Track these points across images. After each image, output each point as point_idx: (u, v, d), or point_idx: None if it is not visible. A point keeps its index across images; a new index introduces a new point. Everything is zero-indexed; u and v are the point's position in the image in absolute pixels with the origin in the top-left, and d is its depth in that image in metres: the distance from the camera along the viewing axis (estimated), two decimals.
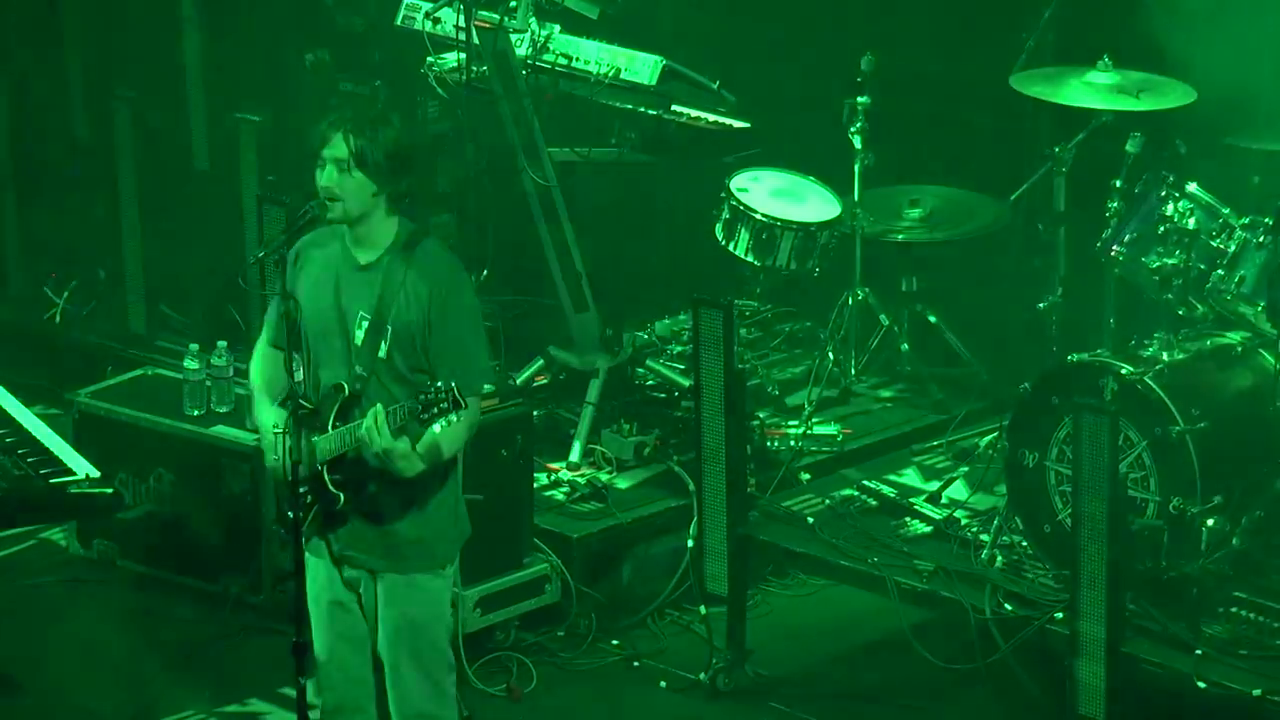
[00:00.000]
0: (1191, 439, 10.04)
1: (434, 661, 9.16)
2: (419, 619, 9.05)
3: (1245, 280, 10.43)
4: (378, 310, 8.80)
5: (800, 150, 11.95)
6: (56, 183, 13.49)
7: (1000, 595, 10.40)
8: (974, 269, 12.13)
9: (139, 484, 11.36)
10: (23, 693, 10.33)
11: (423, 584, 9.00)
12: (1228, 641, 9.99)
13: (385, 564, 8.99)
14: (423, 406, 8.48)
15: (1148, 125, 10.85)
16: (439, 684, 9.19)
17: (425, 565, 9.00)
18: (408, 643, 9.06)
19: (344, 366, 8.86)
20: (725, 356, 10.67)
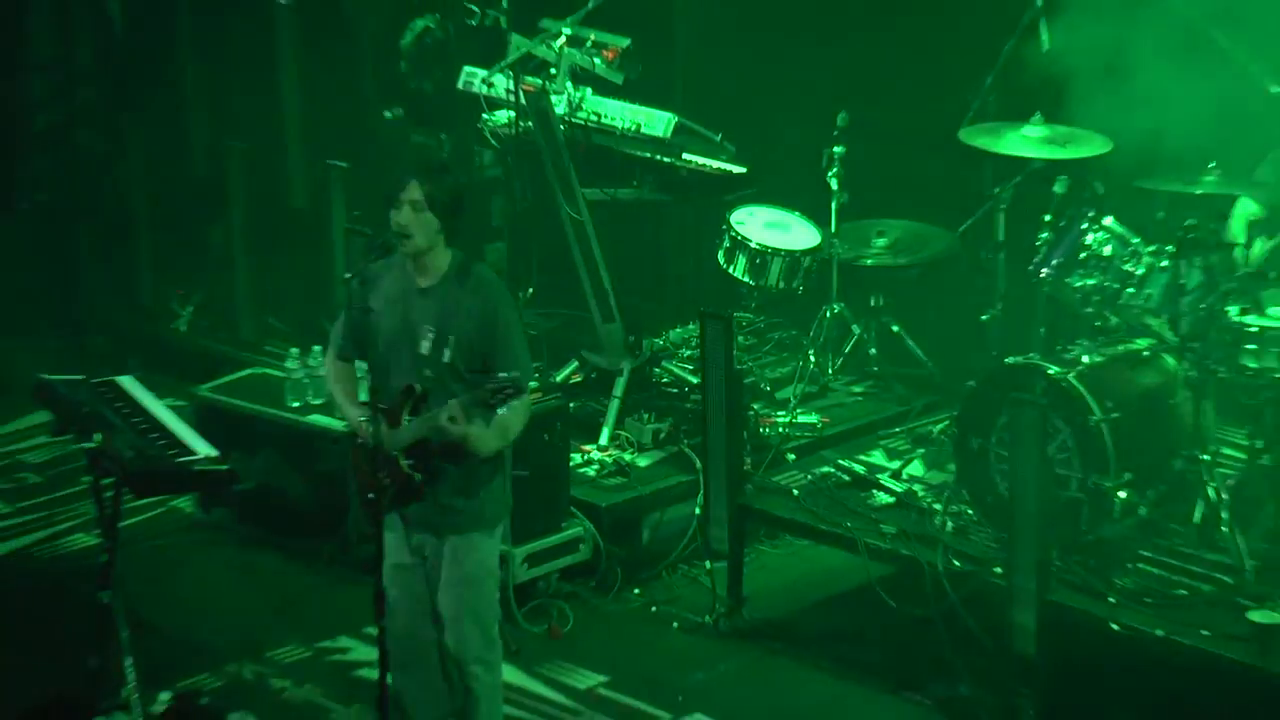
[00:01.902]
0: (1106, 427, 10.13)
1: (486, 610, 9.27)
2: (474, 573, 9.15)
3: (1151, 297, 10.54)
4: (441, 325, 8.92)
5: (787, 190, 11.99)
6: (181, 216, 13.48)
7: (950, 554, 10.46)
8: (929, 288, 12.12)
9: (249, 462, 11.39)
10: (153, 631, 10.33)
11: (477, 542, 9.10)
12: (1136, 591, 10.04)
13: (448, 528, 9.03)
14: (492, 394, 8.51)
15: (1071, 170, 10.93)
16: (489, 630, 9.29)
17: (479, 526, 9.11)
18: (465, 594, 9.17)
19: (411, 372, 8.94)
20: (726, 359, 10.81)
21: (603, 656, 10.65)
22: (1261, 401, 10.25)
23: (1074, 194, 10.82)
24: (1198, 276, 10.28)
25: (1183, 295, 10.29)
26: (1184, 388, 10.38)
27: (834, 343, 12.14)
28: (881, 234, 12.03)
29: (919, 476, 11.18)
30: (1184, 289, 10.29)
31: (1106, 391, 10.22)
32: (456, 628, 9.17)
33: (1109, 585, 10.05)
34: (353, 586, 10.63)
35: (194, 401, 11.62)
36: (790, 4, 12.25)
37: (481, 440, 8.81)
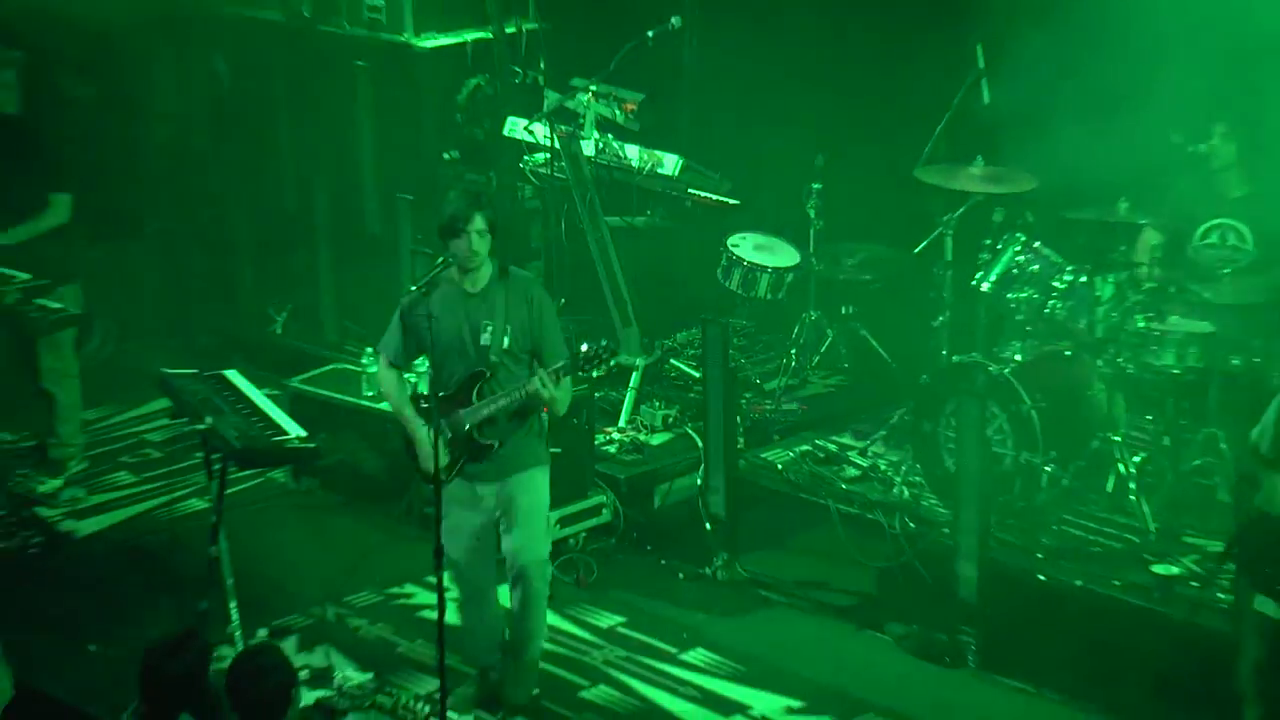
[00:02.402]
0: (1035, 413, 10.21)
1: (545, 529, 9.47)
2: (537, 500, 9.36)
3: (1072, 308, 10.56)
4: (499, 318, 9.02)
5: (773, 218, 12.00)
6: (276, 240, 13.51)
7: (907, 517, 10.54)
8: (890, 299, 12.10)
9: (331, 440, 11.41)
10: (252, 579, 10.34)
11: (536, 475, 9.31)
12: (1058, 549, 10.15)
13: (511, 470, 9.18)
14: (584, 361, 8.88)
15: (1007, 202, 10.94)
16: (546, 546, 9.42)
17: (536, 464, 9.30)
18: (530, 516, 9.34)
19: (476, 360, 9.10)
20: (723, 357, 10.87)
21: (621, 601, 10.68)
22: (1162, 393, 10.30)
23: (1009, 222, 10.84)
24: (1110, 290, 10.37)
25: (1098, 306, 10.37)
26: (1099, 381, 10.44)
27: (811, 344, 12.15)
28: (851, 254, 12.05)
29: (881, 454, 11.23)
30: (1099, 300, 10.37)
31: (1035, 384, 10.28)
32: (525, 547, 9.30)
33: (1037, 543, 10.16)
34: (415, 543, 10.69)
35: (287, 391, 11.65)
36: (776, 65, 12.22)
37: (561, 401, 9.02)
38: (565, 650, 10.16)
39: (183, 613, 9.90)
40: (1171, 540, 10.03)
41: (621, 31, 11.78)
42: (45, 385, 11.76)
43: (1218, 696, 9.14)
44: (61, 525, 11.56)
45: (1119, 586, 9.77)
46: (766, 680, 9.89)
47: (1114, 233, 10.68)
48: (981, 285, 10.80)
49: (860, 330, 12.14)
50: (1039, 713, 9.64)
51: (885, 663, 10.09)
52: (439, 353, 9.06)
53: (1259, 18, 9.90)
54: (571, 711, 9.65)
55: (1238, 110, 10.40)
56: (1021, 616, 9.99)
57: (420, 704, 9.49)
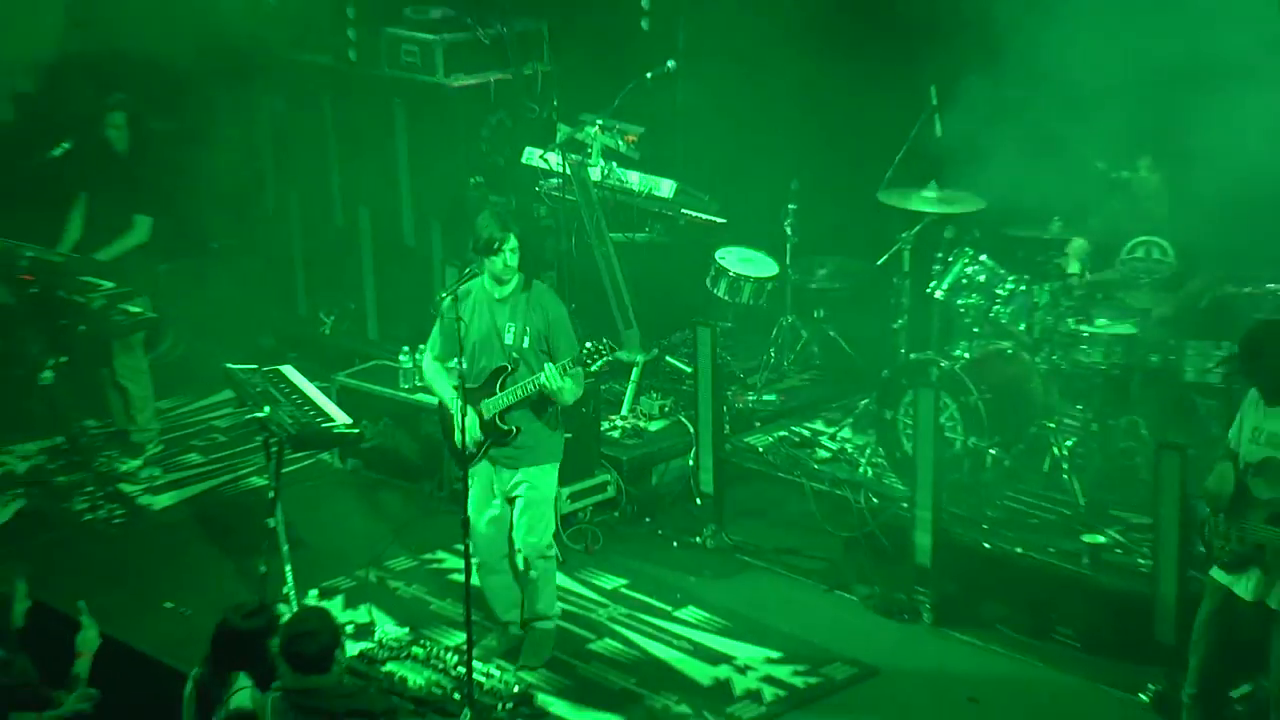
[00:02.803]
0: (982, 403, 10.24)
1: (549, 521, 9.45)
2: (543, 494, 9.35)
3: (1013, 312, 10.55)
4: (520, 321, 9.08)
5: (755, 234, 11.96)
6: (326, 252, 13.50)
7: (870, 493, 10.54)
8: (856, 305, 12.10)
9: (373, 427, 11.44)
10: (305, 546, 10.43)
11: (546, 470, 9.32)
12: (1001, 520, 10.19)
13: (525, 461, 9.19)
14: (588, 355, 8.93)
15: (957, 221, 10.96)
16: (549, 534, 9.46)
17: (547, 460, 9.31)
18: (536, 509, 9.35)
19: (501, 356, 9.15)
20: (711, 355, 10.86)
21: (623, 566, 10.66)
22: (1091, 386, 10.33)
23: (958, 238, 10.87)
24: (1046, 297, 10.39)
25: (1035, 310, 10.40)
26: (1036, 376, 10.45)
27: (788, 344, 12.14)
28: (822, 266, 12.06)
29: (848, 438, 11.22)
30: (1036, 306, 10.40)
31: (981, 378, 10.30)
32: (532, 531, 9.35)
33: (983, 516, 10.19)
34: (446, 515, 10.68)
35: (334, 384, 11.66)
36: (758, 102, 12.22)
37: (567, 391, 9.03)
38: (574, 608, 10.16)
39: (244, 575, 9.97)
40: (1099, 513, 10.04)
41: (624, 73, 11.82)
42: (120, 380, 11.82)
43: (1137, 646, 9.28)
44: (141, 499, 11.58)
45: (1053, 553, 9.80)
46: (748, 634, 9.89)
47: (1048, 247, 10.74)
48: (935, 293, 10.81)
49: (830, 331, 12.13)
50: (985, 662, 9.65)
51: (851, 619, 10.07)
52: (470, 350, 9.14)
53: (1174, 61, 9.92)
54: (580, 661, 9.66)
55: (1160, 142, 10.41)
56: (969, 579, 10.02)
57: (450, 654, 9.57)
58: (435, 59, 12.32)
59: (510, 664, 9.53)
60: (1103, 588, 9.56)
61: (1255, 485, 7.87)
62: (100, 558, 10.78)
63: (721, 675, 9.53)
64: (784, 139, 12.09)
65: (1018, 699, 9.34)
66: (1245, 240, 10.14)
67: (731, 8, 12.09)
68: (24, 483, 11.64)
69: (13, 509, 11.31)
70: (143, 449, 11.92)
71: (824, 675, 9.50)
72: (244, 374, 10.23)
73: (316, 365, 11.88)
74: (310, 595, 10.10)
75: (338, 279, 13.40)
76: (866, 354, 11.88)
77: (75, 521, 11.29)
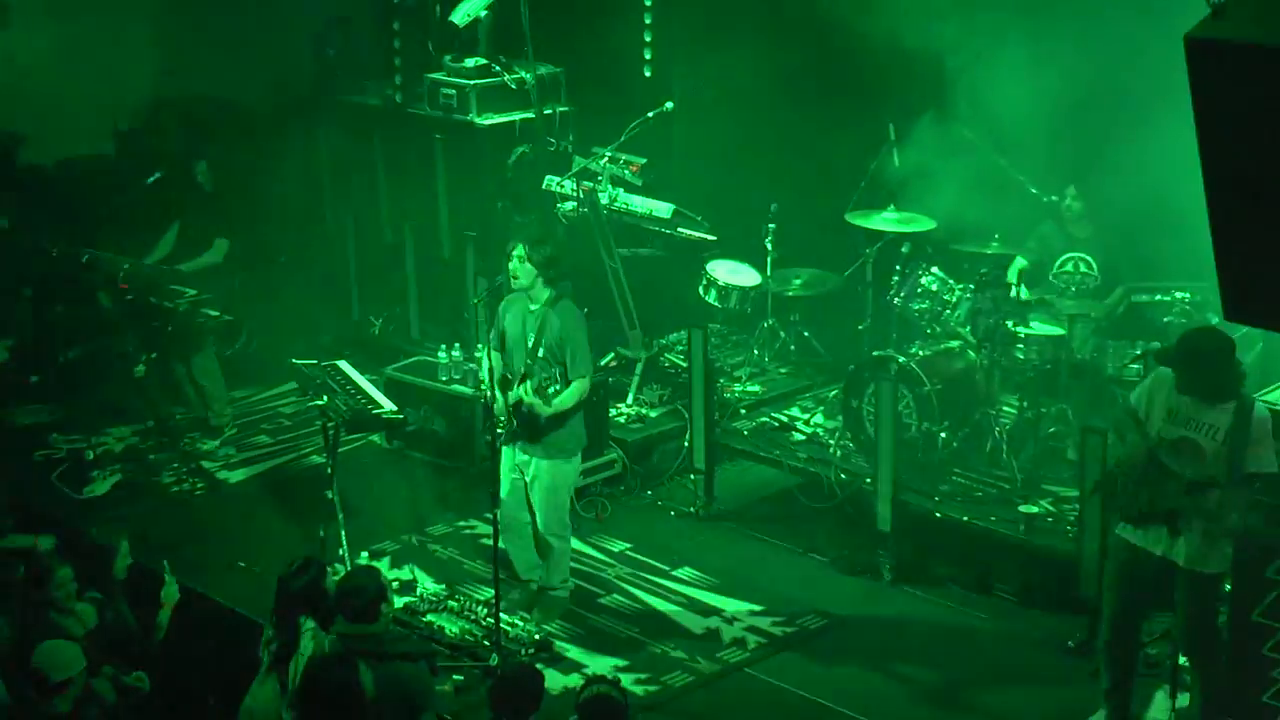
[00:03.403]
0: (933, 394, 10.15)
1: (561, 506, 9.30)
2: (555, 484, 9.24)
3: (960, 316, 10.49)
4: (539, 333, 8.92)
5: (741, 249, 11.85)
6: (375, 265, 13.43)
7: (839, 470, 10.41)
8: (827, 309, 11.99)
9: (415, 414, 11.34)
10: (357, 514, 10.34)
11: (559, 464, 9.18)
12: (950, 494, 10.06)
13: (540, 454, 9.06)
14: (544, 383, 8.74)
15: (912, 239, 10.87)
16: (562, 517, 9.30)
17: (560, 455, 9.18)
18: (549, 496, 9.22)
19: (523, 360, 8.97)
20: (703, 353, 10.79)
21: (628, 532, 10.59)
22: (1026, 378, 10.23)
23: (913, 253, 10.80)
24: (988, 304, 10.25)
25: (979, 315, 10.27)
26: (980, 370, 10.36)
27: (768, 343, 12.01)
28: (798, 276, 11.92)
29: (820, 423, 11.10)
30: (980, 311, 10.27)
31: (933, 372, 10.20)
32: (540, 515, 9.24)
33: (935, 489, 10.06)
34: (477, 488, 10.56)
35: (383, 377, 11.55)
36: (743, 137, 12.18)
37: (538, 408, 8.92)
38: (586, 568, 10.09)
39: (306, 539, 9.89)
40: (1033, 487, 9.95)
41: (629, 113, 11.73)
42: (196, 379, 11.82)
43: (1066, 600, 9.30)
44: (218, 474, 11.50)
45: (994, 521, 9.71)
46: (735, 590, 9.85)
47: (990, 261, 10.70)
48: (894, 299, 10.73)
49: (804, 332, 12.02)
50: (937, 613, 9.61)
51: (822, 577, 10.02)
52: (506, 348, 9.15)
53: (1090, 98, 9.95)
54: (591, 613, 9.61)
55: (1081, 171, 10.37)
56: (923, 543, 9.97)
57: (480, 607, 9.52)
58: (469, 101, 12.26)
59: (531, 615, 9.45)
60: (1036, 550, 9.52)
61: (1170, 459, 7.75)
62: (184, 523, 10.71)
63: (712, 625, 9.51)
64: (765, 168, 12.03)
65: (964, 646, 9.30)
66: (1155, 254, 10.13)
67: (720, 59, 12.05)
68: (120, 460, 11.58)
69: (111, 482, 11.28)
70: (220, 431, 11.88)
71: (799, 625, 9.49)
72: (306, 368, 10.20)
73: (367, 361, 11.80)
74: (362, 556, 10.04)
75: (386, 287, 13.30)
76: (835, 351, 11.79)
77: (163, 493, 11.24)
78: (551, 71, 12.43)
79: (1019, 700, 8.75)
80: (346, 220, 13.56)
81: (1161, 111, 8.74)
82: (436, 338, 12.10)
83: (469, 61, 12.41)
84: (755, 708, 8.78)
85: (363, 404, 9.82)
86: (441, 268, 12.79)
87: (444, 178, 12.64)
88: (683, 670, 9.05)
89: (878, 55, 10.66)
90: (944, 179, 10.50)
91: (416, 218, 12.88)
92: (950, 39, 10.26)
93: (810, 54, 11.85)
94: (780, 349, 12.10)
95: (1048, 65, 9.95)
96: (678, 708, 8.76)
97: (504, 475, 9.20)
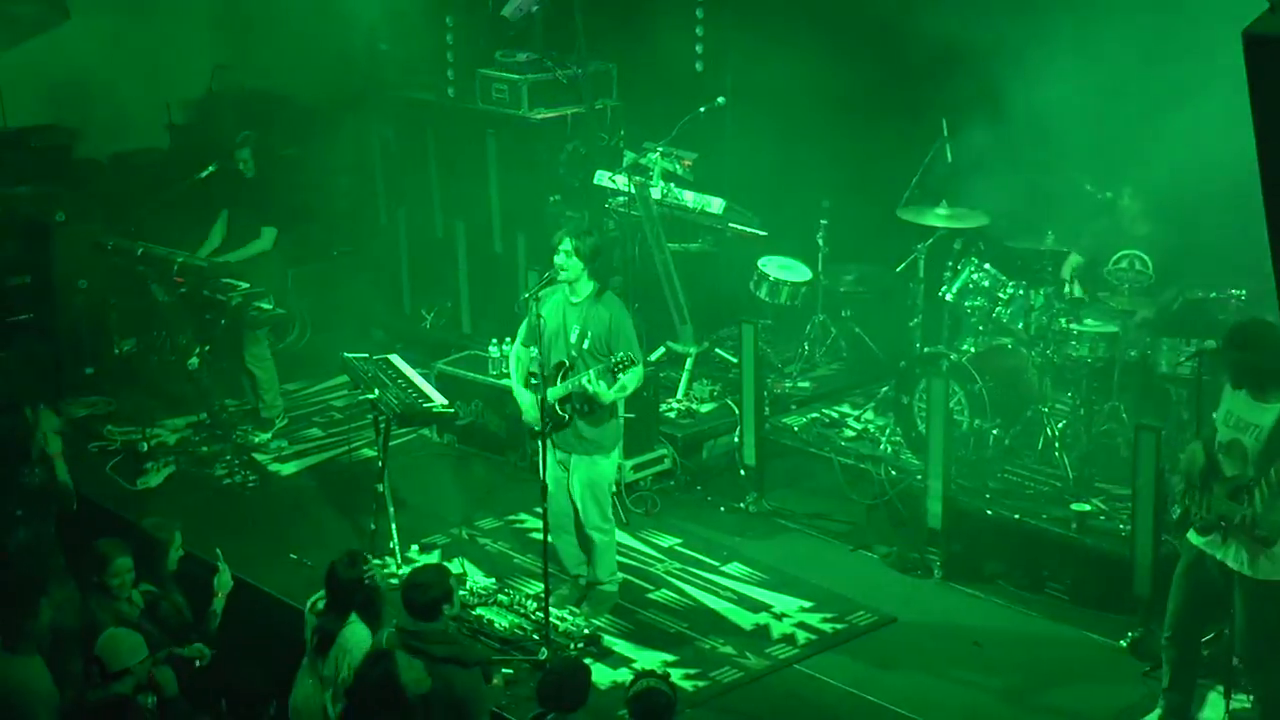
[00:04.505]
0: (985, 390, 10.10)
1: (602, 501, 9.28)
2: (596, 479, 9.23)
3: (1012, 314, 10.41)
4: (583, 325, 8.92)
5: (792, 245, 11.84)
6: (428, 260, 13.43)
7: (889, 466, 10.39)
8: (880, 305, 11.96)
9: (465, 407, 11.37)
10: (408, 508, 10.40)
11: (598, 459, 9.17)
12: (1002, 490, 10.03)
13: (581, 449, 9.07)
14: (615, 366, 8.63)
15: (964, 234, 10.83)
16: (604, 511, 9.30)
17: (600, 450, 9.16)
18: (589, 491, 9.22)
19: (564, 353, 8.96)
20: (754, 348, 10.77)
21: (678, 527, 10.59)
22: (1079, 376, 10.16)
23: (965, 249, 10.76)
24: (1041, 300, 10.23)
25: (1032, 312, 10.23)
26: (1033, 367, 10.31)
27: (819, 338, 12.00)
28: (849, 272, 11.90)
29: (871, 419, 11.08)
30: (1033, 308, 10.23)
31: (985, 369, 10.16)
32: (585, 511, 9.25)
33: (986, 487, 10.04)
34: (526, 483, 10.57)
35: (433, 370, 11.59)
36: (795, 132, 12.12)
37: (603, 395, 8.89)
38: (636, 563, 10.10)
39: (357, 532, 9.95)
40: (1085, 485, 9.91)
41: (681, 108, 11.74)
42: (249, 367, 11.87)
43: (1117, 600, 9.25)
44: (270, 467, 11.56)
45: (1046, 519, 9.68)
46: (785, 586, 9.85)
47: (1043, 257, 10.65)
48: (945, 295, 10.66)
49: (855, 328, 12.00)
50: (987, 612, 9.59)
51: (872, 574, 10.01)
52: (545, 343, 9.09)
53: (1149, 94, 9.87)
54: (640, 608, 9.62)
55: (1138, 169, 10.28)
56: (974, 541, 9.92)
57: (530, 601, 9.53)
58: (521, 96, 12.29)
59: (579, 610, 9.47)
60: (1088, 549, 9.48)
61: (1223, 463, 7.82)
62: (236, 515, 10.77)
63: (761, 621, 9.50)
64: (817, 163, 11.96)
65: (1015, 644, 9.27)
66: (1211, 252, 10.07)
67: (772, 53, 12.04)
68: (174, 452, 11.66)
69: (165, 474, 11.35)
70: (272, 424, 11.95)
71: (848, 622, 9.48)
72: (358, 361, 10.28)
73: (419, 354, 11.86)
74: (412, 550, 10.07)
75: (437, 281, 13.33)
76: (886, 348, 11.76)
77: (216, 485, 11.30)
78: (603, 66, 12.47)
79: (1071, 699, 8.72)
80: (399, 214, 13.60)
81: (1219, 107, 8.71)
82: (487, 332, 12.14)
83: (520, 56, 12.44)
84: (804, 705, 8.77)
85: (414, 398, 9.88)
86: (493, 262, 12.83)
87: (496, 172, 12.68)
88: (732, 666, 9.05)
89: (931, 49, 10.65)
90: (997, 174, 10.47)
91: (468, 212, 12.92)
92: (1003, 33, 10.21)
93: (863, 49, 11.82)
94: (831, 345, 12.08)
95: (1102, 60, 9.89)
96: (726, 703, 8.76)
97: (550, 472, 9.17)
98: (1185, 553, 8.12)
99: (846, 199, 11.72)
